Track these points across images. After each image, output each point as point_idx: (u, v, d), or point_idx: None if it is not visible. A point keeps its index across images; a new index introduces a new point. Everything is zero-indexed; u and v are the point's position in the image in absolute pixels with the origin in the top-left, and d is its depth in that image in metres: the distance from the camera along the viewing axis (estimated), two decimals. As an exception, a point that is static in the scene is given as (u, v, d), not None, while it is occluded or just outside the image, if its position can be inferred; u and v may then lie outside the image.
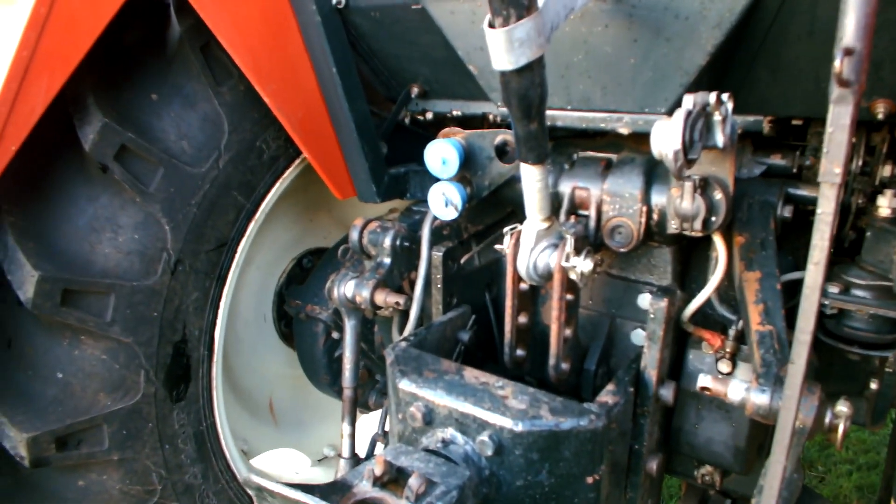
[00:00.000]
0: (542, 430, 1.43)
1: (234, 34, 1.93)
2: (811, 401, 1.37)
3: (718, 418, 1.78)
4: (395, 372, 1.63)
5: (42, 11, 1.63)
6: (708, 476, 1.95)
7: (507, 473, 1.47)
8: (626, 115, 1.73)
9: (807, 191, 1.86)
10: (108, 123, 1.84)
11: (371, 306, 2.03)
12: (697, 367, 1.78)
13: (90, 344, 1.93)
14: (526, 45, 1.31)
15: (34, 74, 1.66)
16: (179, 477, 2.17)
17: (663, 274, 1.94)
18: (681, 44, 1.53)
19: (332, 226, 3.03)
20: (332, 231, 3.02)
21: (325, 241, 2.97)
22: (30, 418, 1.87)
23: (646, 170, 1.77)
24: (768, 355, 1.49)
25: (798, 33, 1.46)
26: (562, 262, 1.66)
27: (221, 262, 2.17)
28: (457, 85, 2.16)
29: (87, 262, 1.90)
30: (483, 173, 1.93)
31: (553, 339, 1.75)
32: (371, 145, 2.23)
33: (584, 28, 1.64)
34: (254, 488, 1.28)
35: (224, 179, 2.10)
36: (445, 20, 1.86)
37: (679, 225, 1.62)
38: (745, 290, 1.65)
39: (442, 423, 1.53)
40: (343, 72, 2.09)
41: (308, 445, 3.05)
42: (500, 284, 2.20)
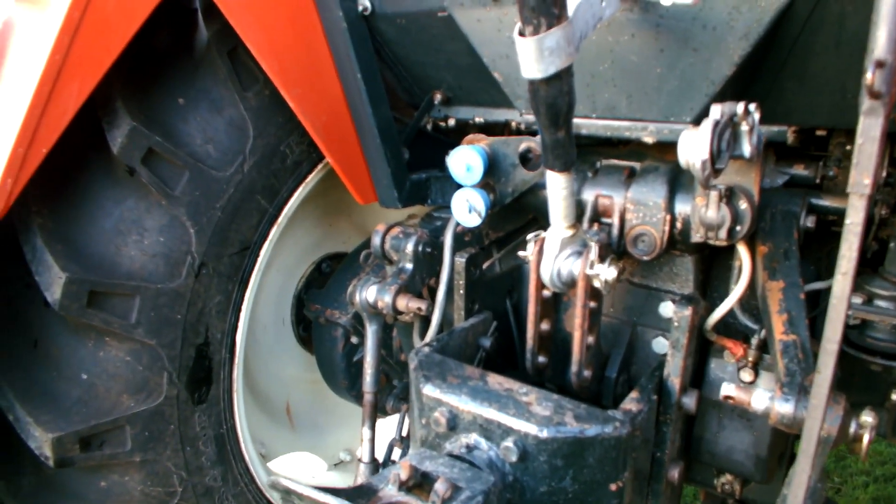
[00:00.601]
0: (566, 437, 1.44)
1: (261, 39, 1.96)
2: (836, 411, 1.38)
3: (740, 427, 1.78)
4: (419, 377, 1.65)
5: (75, 15, 1.67)
6: (728, 485, 1.96)
7: (530, 479, 1.48)
8: (651, 124, 1.74)
9: (829, 201, 1.86)
10: (137, 127, 1.87)
11: (393, 311, 2.05)
12: (719, 376, 1.79)
13: (114, 345, 1.96)
14: (556, 54, 1.33)
15: (66, 78, 1.70)
16: (200, 479, 2.19)
17: (685, 282, 1.95)
18: (707, 54, 1.55)
19: (350, 231, 3.05)
20: (350, 236, 3.05)
21: (343, 246, 3.00)
22: (54, 418, 1.90)
23: (670, 178, 1.78)
24: (792, 364, 1.49)
25: (825, 44, 1.47)
26: (586, 269, 1.67)
27: (244, 265, 2.20)
28: (480, 92, 2.19)
29: (113, 264, 1.93)
30: (507, 180, 1.95)
31: (576, 346, 1.77)
32: (394, 151, 2.25)
33: (610, 37, 1.66)
34: (281, 490, 1.29)
35: (248, 183, 2.13)
36: (472, 28, 1.88)
37: (704, 234, 1.63)
38: (769, 299, 1.66)
39: (466, 429, 1.55)
40: (368, 78, 2.12)
41: (324, 449, 3.07)
42: (520, 291, 2.22)
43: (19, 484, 2.06)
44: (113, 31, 1.74)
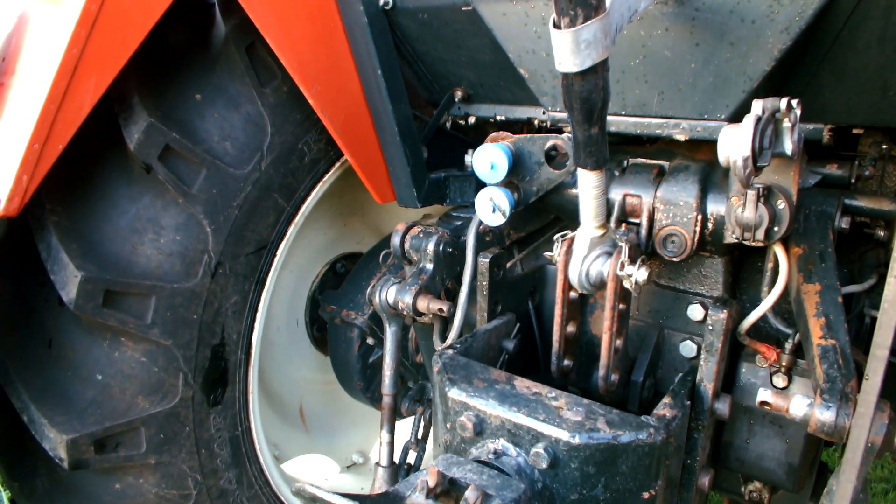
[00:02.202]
0: (599, 444, 1.39)
1: (280, 34, 1.92)
2: (881, 419, 1.32)
3: (771, 434, 1.73)
4: (444, 380, 1.60)
5: (93, 9, 1.63)
6: (756, 493, 1.90)
7: (561, 487, 1.43)
8: (684, 122, 1.69)
9: (864, 202, 1.81)
10: (154, 123, 1.83)
11: (413, 312, 2.00)
12: (751, 381, 1.73)
13: (130, 346, 1.92)
14: (592, 47, 1.28)
15: (83, 73, 1.66)
16: (214, 482, 2.15)
17: (714, 285, 1.90)
18: (745, 48, 1.49)
19: (365, 231, 3.01)
20: (365, 236, 3.00)
21: (358, 246, 2.96)
22: (69, 419, 1.86)
23: (701, 177, 1.73)
24: (832, 370, 1.44)
25: (868, 39, 1.42)
26: (616, 270, 1.62)
27: (261, 265, 2.15)
28: (502, 89, 2.14)
29: (129, 263, 1.89)
30: (531, 179, 1.90)
31: (604, 349, 1.72)
32: (413, 149, 2.21)
33: (642, 31, 1.61)
34: (307, 497, 1.25)
35: (266, 181, 2.08)
36: (497, 22, 1.84)
37: (740, 234, 1.58)
38: (805, 302, 1.61)
39: (493, 434, 1.50)
40: (388, 74, 2.07)
41: (337, 451, 3.02)
42: (542, 292, 2.17)
43: (33, 486, 2.02)
44: (130, 25, 1.70)
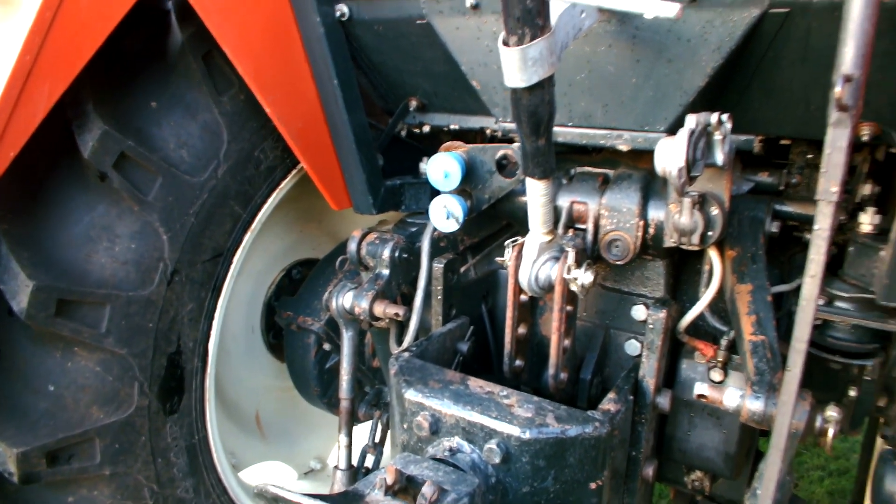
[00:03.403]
0: (548, 438, 1.48)
1: (237, 43, 1.96)
2: (804, 406, 1.45)
3: (710, 425, 1.85)
4: (401, 382, 1.67)
5: (47, 16, 1.64)
6: (698, 482, 2.03)
7: (513, 480, 1.52)
8: (626, 133, 1.81)
9: (793, 207, 1.96)
10: (108, 131, 1.84)
11: (370, 317, 2.07)
12: (690, 376, 1.85)
13: (84, 356, 1.92)
14: (539, 64, 1.37)
15: (36, 80, 1.67)
16: (171, 491, 2.16)
17: (656, 286, 2.02)
18: (682, 65, 1.61)
19: (321, 237, 3.05)
20: (321, 242, 3.04)
21: (314, 253, 3.00)
22: (20, 433, 1.85)
23: (643, 185, 1.85)
24: (762, 364, 1.57)
25: (792, 59, 1.55)
26: (563, 274, 1.72)
27: (217, 272, 2.18)
28: (455, 99, 2.22)
29: (83, 271, 1.89)
30: (483, 187, 1.99)
31: (553, 349, 1.81)
32: (369, 157, 2.27)
33: (587, 48, 1.71)
34: (269, 498, 1.30)
35: (222, 189, 2.12)
36: (450, 35, 1.92)
37: (677, 239, 1.70)
38: (738, 301, 1.74)
39: (448, 432, 1.58)
40: (344, 83, 2.13)
41: (295, 458, 3.05)
42: (495, 296, 2.26)
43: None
44: (86, 32, 1.72)
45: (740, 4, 1.49)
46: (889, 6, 1.38)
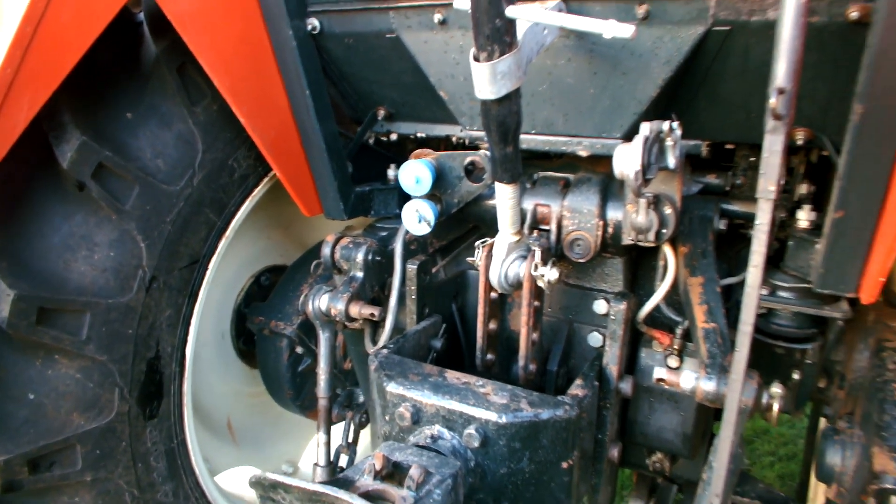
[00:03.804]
0: (523, 421, 1.62)
1: (213, 56, 2.04)
2: (751, 384, 1.62)
3: (668, 409, 2.02)
4: (382, 376, 1.78)
5: (28, 30, 1.70)
6: (658, 463, 2.20)
7: (491, 462, 1.65)
8: (585, 140, 1.96)
9: (738, 206, 2.15)
10: (87, 141, 1.91)
11: (346, 318, 2.17)
12: (649, 364, 2.02)
13: (64, 363, 1.97)
14: (507, 78, 1.51)
15: (17, 92, 1.72)
16: (152, 496, 2.21)
17: (615, 282, 2.18)
18: (635, 77, 1.78)
19: (287, 244, 3.14)
20: (288, 249, 3.13)
21: (281, 259, 3.08)
22: (1, 442, 1.89)
23: (601, 188, 2.01)
24: (713, 348, 1.74)
25: (733, 72, 1.73)
26: (531, 271, 1.87)
27: (193, 279, 2.26)
28: (422, 108, 2.35)
29: (62, 280, 1.95)
30: (452, 191, 2.12)
31: (522, 342, 1.95)
32: (339, 165, 2.38)
33: (549, 61, 1.86)
34: (267, 485, 1.40)
35: (197, 197, 2.20)
36: (419, 49, 2.05)
37: (635, 237, 1.86)
38: (690, 293, 1.91)
39: (429, 421, 1.70)
40: (315, 94, 2.23)
41: (266, 462, 3.12)
42: (465, 295, 2.39)
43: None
44: (66, 45, 1.78)
45: (687, 23, 1.66)
46: (816, 26, 1.57)
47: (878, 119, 1.52)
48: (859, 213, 1.64)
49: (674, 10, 1.67)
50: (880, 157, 1.55)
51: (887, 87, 1.48)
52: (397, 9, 2.03)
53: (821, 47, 1.63)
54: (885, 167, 1.56)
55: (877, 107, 1.51)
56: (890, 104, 1.50)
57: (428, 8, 1.98)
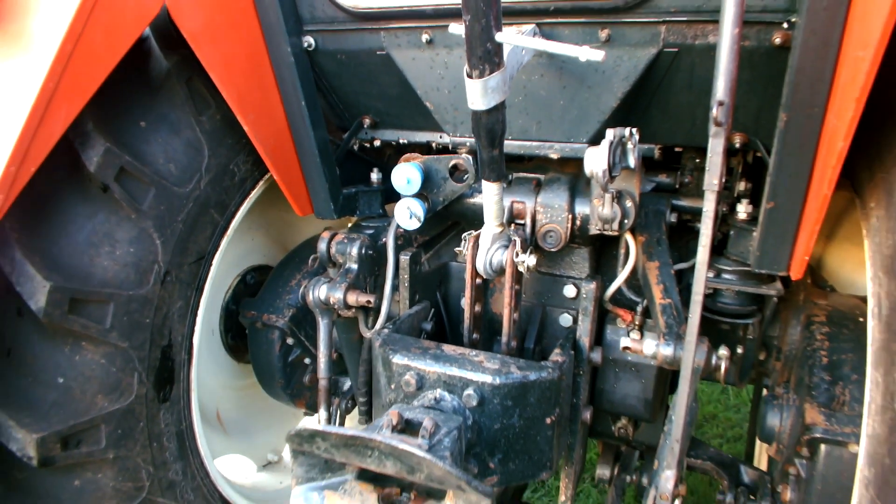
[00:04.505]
0: (514, 382, 1.96)
1: (221, 70, 2.32)
2: (703, 347, 2.00)
3: (631, 378, 2.39)
4: (388, 350, 2.09)
5: (68, 48, 1.95)
6: (623, 429, 2.56)
7: (486, 419, 1.98)
8: (556, 144, 2.32)
9: (686, 202, 2.54)
10: (110, 148, 2.16)
11: (343, 306, 2.47)
12: (614, 338, 2.38)
13: (90, 350, 2.21)
14: (496, 92, 1.84)
15: (57, 104, 1.97)
16: (164, 473, 2.46)
17: (583, 269, 2.54)
18: (599, 91, 2.15)
19: (269, 245, 3.40)
20: (271, 249, 3.40)
21: (264, 259, 3.35)
22: (35, 421, 2.11)
23: (570, 186, 2.37)
24: (670, 320, 2.11)
25: (681, 86, 2.12)
26: (513, 257, 2.21)
27: (200, 273, 2.52)
28: (406, 118, 2.67)
29: (88, 273, 2.19)
30: (438, 191, 2.44)
31: (505, 321, 2.29)
32: (330, 169, 2.68)
33: (524, 76, 2.22)
34: (306, 435, 1.68)
35: (204, 199, 2.46)
36: (407, 65, 2.38)
37: (601, 227, 2.22)
38: (649, 275, 2.28)
39: (431, 386, 2.02)
40: (310, 104, 2.54)
41: (254, 451, 3.37)
42: (447, 285, 2.71)
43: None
44: (98, 61, 2.04)
45: (642, 45, 2.04)
46: (748, 49, 1.97)
47: (799, 125, 1.91)
48: (787, 204, 2.03)
49: (631, 34, 2.05)
50: (802, 156, 1.94)
51: (805, 99, 1.87)
52: (388, 29, 2.35)
53: (752, 67, 2.02)
54: (807, 164, 1.95)
55: (798, 115, 1.90)
56: (808, 113, 1.89)
57: (416, 29, 2.31)
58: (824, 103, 1.85)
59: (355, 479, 1.84)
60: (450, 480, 1.56)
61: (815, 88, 1.84)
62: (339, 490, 1.83)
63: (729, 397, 5.05)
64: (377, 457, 1.62)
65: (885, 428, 1.59)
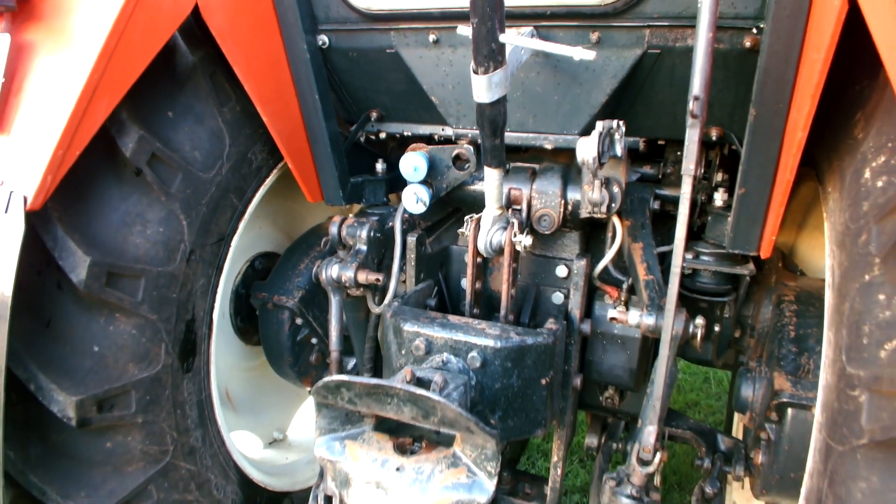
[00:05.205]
0: (514, 346, 2.24)
1: (244, 65, 2.59)
2: (681, 317, 2.29)
3: (618, 349, 2.68)
4: (399, 319, 2.37)
5: (112, 42, 2.20)
6: (610, 398, 2.85)
7: (488, 380, 2.25)
8: (551, 136, 2.61)
9: (667, 191, 2.84)
10: (144, 135, 2.41)
11: (354, 284, 2.74)
12: (602, 313, 2.67)
13: (123, 321, 2.46)
14: (499, 86, 2.12)
15: (101, 93, 2.22)
16: (186, 439, 2.71)
17: (573, 251, 2.82)
18: (589, 87, 2.44)
19: (276, 233, 3.66)
20: (276, 237, 3.65)
21: (271, 246, 3.60)
22: (74, 385, 2.35)
23: (562, 174, 2.66)
24: (652, 293, 2.40)
25: (663, 84, 2.41)
26: (511, 237, 2.49)
27: (220, 253, 2.77)
28: (411, 111, 2.95)
29: (122, 250, 2.43)
30: (442, 178, 2.72)
31: (503, 296, 2.57)
32: (339, 158, 2.95)
33: (522, 74, 2.50)
34: (332, 386, 1.95)
35: (225, 184, 2.72)
36: (414, 62, 2.65)
37: (591, 210, 2.50)
38: (633, 255, 2.58)
39: (439, 351, 2.29)
40: (323, 99, 2.80)
41: (260, 429, 3.62)
42: (448, 266, 2.99)
43: (26, 454, 2.45)
44: (137, 57, 2.29)
45: (629, 46, 2.33)
46: (721, 51, 2.26)
47: (766, 119, 2.20)
48: (756, 189, 2.31)
49: (619, 36, 2.35)
50: (769, 146, 2.23)
51: (771, 95, 2.16)
52: (398, 29, 2.63)
53: (727, 67, 2.32)
54: (773, 153, 2.23)
55: (765, 110, 2.19)
56: (774, 108, 2.18)
57: (424, 30, 2.59)
58: (788, 99, 2.14)
59: (373, 429, 2.11)
60: (460, 422, 1.84)
61: (780, 86, 2.13)
62: (358, 440, 2.10)
63: (710, 386, 5.37)
64: (396, 403, 1.90)
65: (835, 377, 1.88)
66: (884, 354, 1.70)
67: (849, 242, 1.93)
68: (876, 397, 1.69)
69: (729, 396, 3.64)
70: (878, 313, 1.74)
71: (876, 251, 1.77)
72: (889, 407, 1.66)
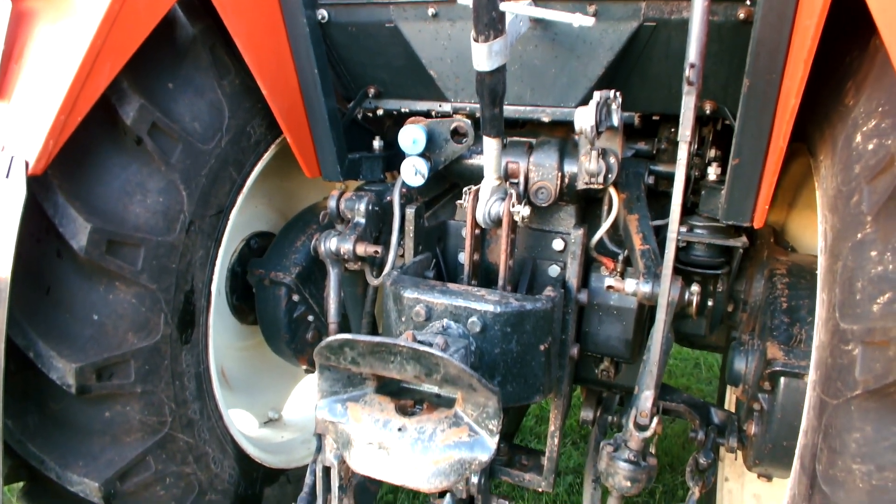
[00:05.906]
0: (513, 311, 2.29)
1: (245, 38, 2.62)
2: (677, 284, 2.35)
3: (614, 320, 2.74)
4: (399, 287, 2.41)
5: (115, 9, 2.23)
6: (605, 371, 2.91)
7: (488, 345, 2.30)
8: (548, 108, 2.67)
9: (662, 167, 2.91)
10: (144, 104, 2.44)
11: (353, 256, 2.78)
12: (598, 284, 2.73)
13: (122, 290, 2.48)
14: (499, 55, 2.17)
15: (102, 60, 2.24)
16: (184, 411, 2.73)
17: (569, 224, 2.88)
18: (586, 60, 2.50)
19: (271, 213, 3.70)
20: (272, 217, 3.69)
21: (266, 226, 3.64)
22: (73, 352, 2.38)
23: (559, 147, 2.71)
24: (648, 262, 2.46)
25: (659, 57, 2.48)
26: (510, 208, 2.54)
27: (219, 225, 2.81)
28: (409, 87, 3.00)
29: (122, 219, 2.46)
30: (440, 151, 2.76)
31: (501, 267, 2.62)
32: (337, 134, 2.99)
33: (520, 47, 2.56)
34: (336, 346, 1.98)
35: (224, 156, 2.75)
36: (413, 37, 2.70)
37: (588, 180, 2.56)
38: (629, 226, 2.64)
39: (439, 317, 2.34)
40: (322, 74, 2.85)
41: (256, 408, 3.65)
42: (445, 241, 3.04)
43: (24, 423, 2.48)
44: (139, 24, 2.33)
45: (625, 19, 2.39)
46: (716, 23, 2.32)
47: (759, 89, 2.27)
48: (750, 159, 2.38)
49: (615, 9, 2.40)
50: (762, 115, 2.29)
51: (765, 66, 2.23)
52: (396, 3, 2.68)
53: (720, 39, 2.39)
54: (767, 122, 2.30)
55: (759, 80, 2.25)
56: (767, 78, 2.24)
57: (423, 3, 2.64)
58: (781, 69, 2.21)
59: (374, 392, 2.15)
60: (463, 378, 1.88)
61: (773, 56, 2.20)
62: (359, 402, 2.14)
63: (701, 371, 5.46)
64: (399, 362, 1.94)
65: (828, 335, 1.95)
66: (876, 308, 1.76)
67: (841, 205, 2.00)
68: (869, 349, 1.75)
69: (721, 379, 3.71)
70: (870, 269, 1.81)
71: (868, 210, 1.84)
72: (882, 357, 1.72)
